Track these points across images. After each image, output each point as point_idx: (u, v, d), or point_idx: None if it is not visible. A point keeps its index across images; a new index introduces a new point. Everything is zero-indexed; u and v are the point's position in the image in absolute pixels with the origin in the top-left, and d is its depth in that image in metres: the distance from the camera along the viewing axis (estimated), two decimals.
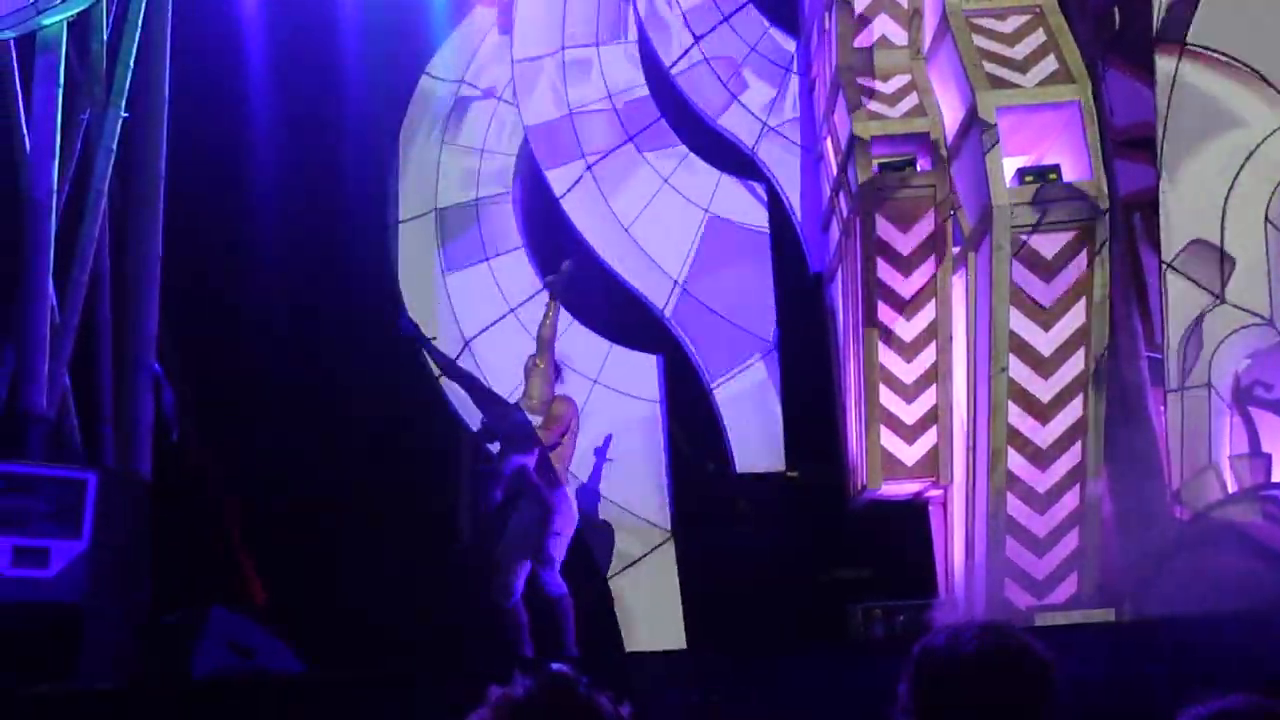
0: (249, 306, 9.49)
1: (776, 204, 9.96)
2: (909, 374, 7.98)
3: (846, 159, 8.36)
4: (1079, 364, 7.31)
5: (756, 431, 9.60)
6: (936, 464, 7.95)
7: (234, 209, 9.59)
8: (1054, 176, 7.44)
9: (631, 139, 10.13)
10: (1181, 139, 7.55)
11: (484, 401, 7.56)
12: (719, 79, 10.09)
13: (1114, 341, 7.50)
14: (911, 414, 7.98)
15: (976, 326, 7.61)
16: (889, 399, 7.98)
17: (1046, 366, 7.32)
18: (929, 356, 7.99)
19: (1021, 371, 7.31)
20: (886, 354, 7.99)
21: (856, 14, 8.55)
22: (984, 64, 7.65)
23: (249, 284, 9.50)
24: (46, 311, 7.50)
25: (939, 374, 7.97)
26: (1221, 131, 7.60)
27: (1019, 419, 7.31)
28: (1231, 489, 7.21)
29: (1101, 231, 7.27)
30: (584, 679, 1.66)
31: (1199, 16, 7.64)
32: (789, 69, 10.08)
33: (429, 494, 9.31)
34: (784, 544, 9.23)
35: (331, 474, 9.16)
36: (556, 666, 1.66)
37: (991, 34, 7.84)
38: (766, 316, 9.77)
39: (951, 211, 7.98)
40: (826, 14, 8.95)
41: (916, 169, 8.12)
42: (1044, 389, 7.31)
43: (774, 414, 9.59)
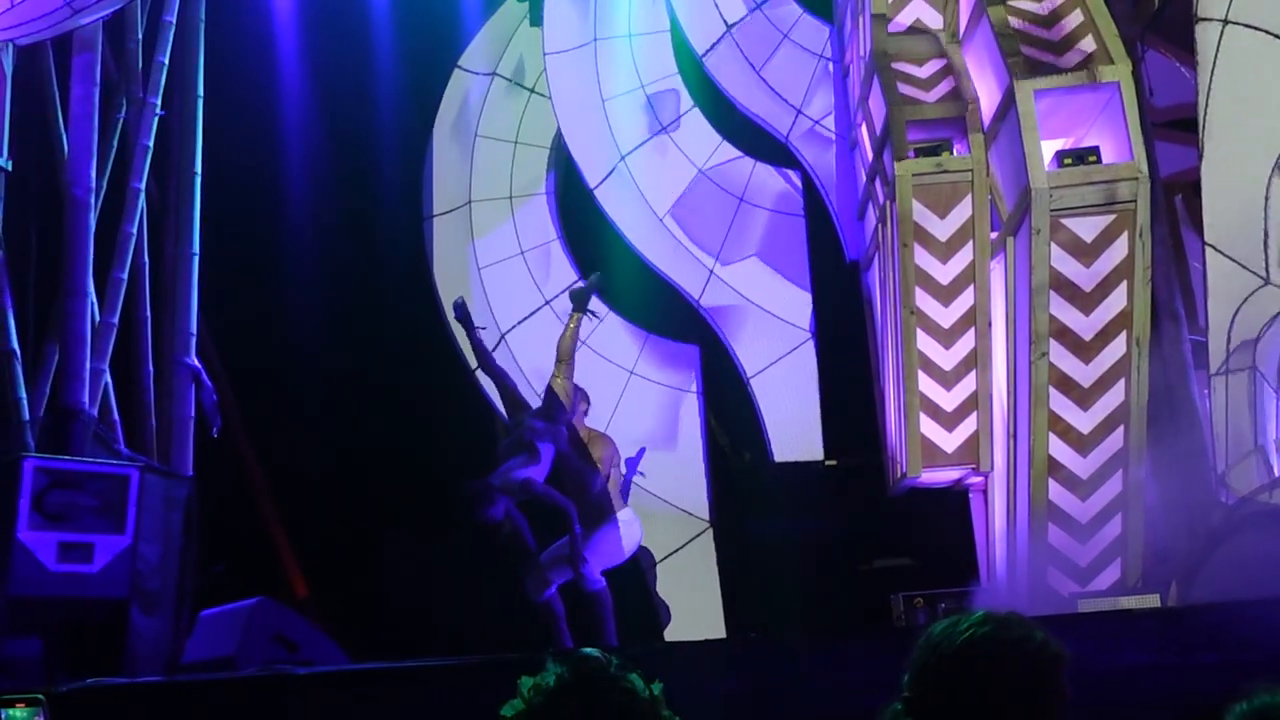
0: (286, 302, 9.57)
1: (811, 192, 9.93)
2: (948, 360, 7.92)
3: (882, 145, 8.31)
4: (1120, 348, 7.23)
5: (794, 420, 9.59)
6: (977, 451, 7.88)
7: (269, 204, 9.67)
8: (1093, 159, 7.36)
9: (665, 129, 10.13)
10: (1224, 117, 7.45)
11: (508, 404, 7.58)
12: (752, 67, 10.06)
13: (1156, 325, 7.42)
14: (951, 400, 7.92)
15: (1016, 311, 7.55)
16: (928, 386, 7.93)
17: (1087, 351, 7.25)
18: (968, 342, 7.93)
19: (1062, 356, 7.24)
20: (925, 340, 7.94)
21: None
22: (1021, 46, 7.58)
23: (285, 279, 9.58)
24: (87, 309, 7.59)
25: (978, 360, 7.91)
26: (1265, 108, 7.49)
27: (1060, 404, 7.24)
28: (1278, 472, 7.12)
29: (1142, 214, 7.19)
30: (614, 660, 1.66)
31: None
32: (822, 55, 10.04)
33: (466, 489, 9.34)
34: (823, 533, 9.21)
35: (370, 467, 9.22)
36: (586, 650, 1.67)
37: (1028, 15, 7.77)
38: (803, 305, 9.75)
39: (989, 196, 7.92)
40: None
41: (953, 154, 8.05)
42: (1085, 374, 7.24)
43: (812, 403, 9.58)
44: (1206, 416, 7.53)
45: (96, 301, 7.76)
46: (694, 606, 9.34)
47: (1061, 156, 7.40)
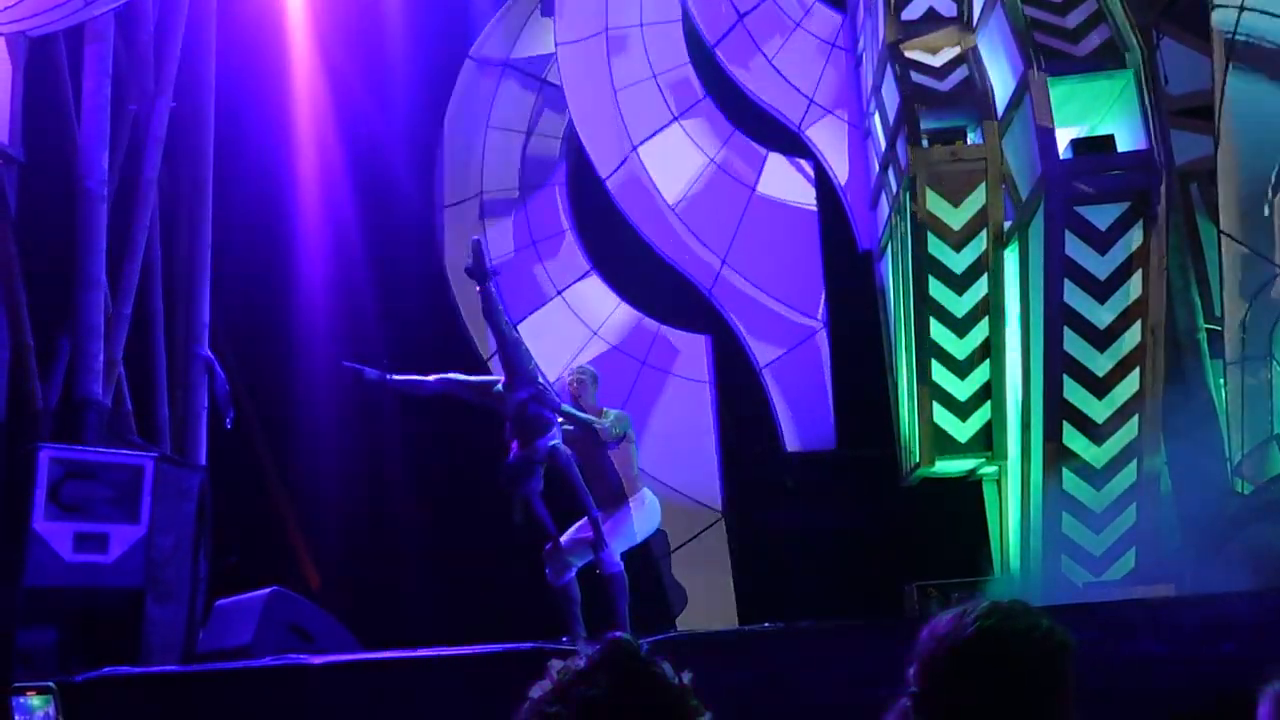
0: (298, 293, 9.59)
1: (824, 181, 9.91)
2: (961, 350, 7.91)
3: (895, 134, 8.29)
4: (1135, 337, 7.21)
5: (807, 411, 9.58)
6: (990, 440, 7.89)
7: (281, 196, 9.69)
8: (1108, 147, 7.33)
9: (677, 119, 10.11)
10: (1240, 104, 7.41)
11: (513, 371, 7.40)
12: (764, 56, 10.04)
13: (1171, 314, 7.40)
14: (964, 390, 7.92)
15: (1030, 301, 7.53)
16: (942, 375, 7.92)
17: (1102, 340, 7.23)
18: (981, 332, 7.93)
19: (1077, 345, 7.23)
20: (938, 330, 7.93)
21: None
22: (1035, 34, 7.55)
23: (298, 270, 9.60)
24: (101, 300, 7.59)
25: (992, 349, 7.90)
26: None
27: (1074, 393, 7.23)
28: None
29: (1157, 202, 7.17)
30: (645, 643, 1.66)
31: None
32: (835, 44, 10.01)
33: (480, 474, 9.36)
34: (836, 523, 9.21)
35: (383, 456, 9.25)
36: (617, 634, 1.66)
37: (1042, 3, 7.73)
38: (816, 295, 9.74)
39: (1003, 185, 7.90)
40: None
41: (967, 142, 8.04)
42: (1100, 363, 7.22)
43: (824, 393, 9.57)
44: (1221, 406, 7.51)
45: (110, 293, 7.77)
46: (707, 596, 9.34)
47: (1076, 145, 7.38)
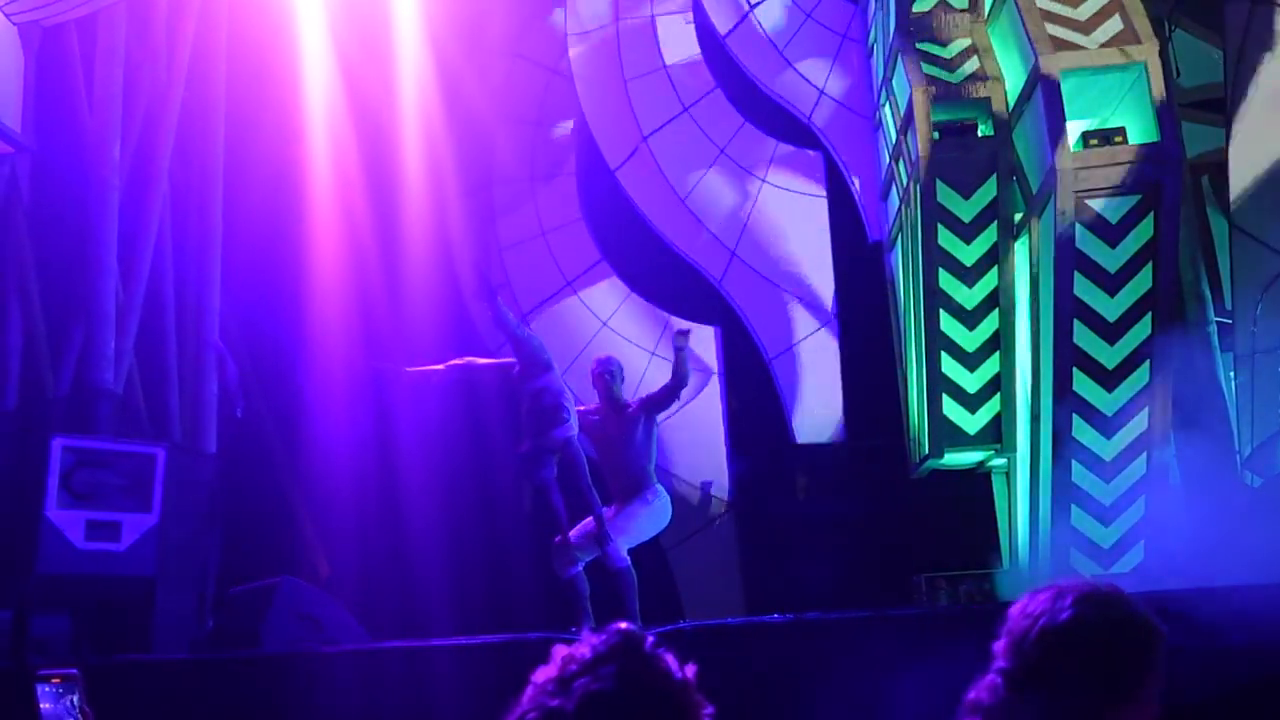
0: (309, 282, 9.60)
1: (834, 173, 9.90)
2: (971, 342, 7.92)
3: (906, 125, 8.29)
4: (1145, 330, 7.20)
5: (816, 402, 9.59)
6: (1000, 432, 7.89)
7: (292, 186, 9.69)
8: (1119, 140, 7.32)
9: (687, 109, 10.11)
10: (1253, 97, 7.38)
11: (528, 364, 7.41)
12: (774, 47, 10.03)
13: (1181, 307, 7.39)
14: (974, 382, 7.92)
15: (1040, 292, 7.53)
16: (951, 367, 7.93)
17: (1112, 332, 7.23)
18: (991, 324, 7.93)
19: (1086, 338, 7.22)
20: (948, 322, 7.93)
21: None
22: (1047, 26, 7.53)
23: (308, 259, 9.60)
24: (112, 290, 7.62)
25: (1001, 342, 7.90)
26: None
27: (1084, 386, 7.23)
28: None
29: (1168, 195, 7.15)
30: (650, 635, 1.67)
31: None
32: (846, 35, 10.00)
33: (491, 464, 9.38)
34: (845, 515, 9.21)
35: (393, 446, 9.26)
36: (623, 625, 1.67)
37: None
38: (825, 286, 9.74)
39: (1013, 177, 7.89)
40: None
41: (978, 134, 8.03)
42: (1109, 355, 7.22)
43: (834, 384, 9.57)
44: (1231, 399, 7.51)
45: (121, 283, 7.79)
46: (715, 587, 9.36)
47: (1087, 137, 7.36)
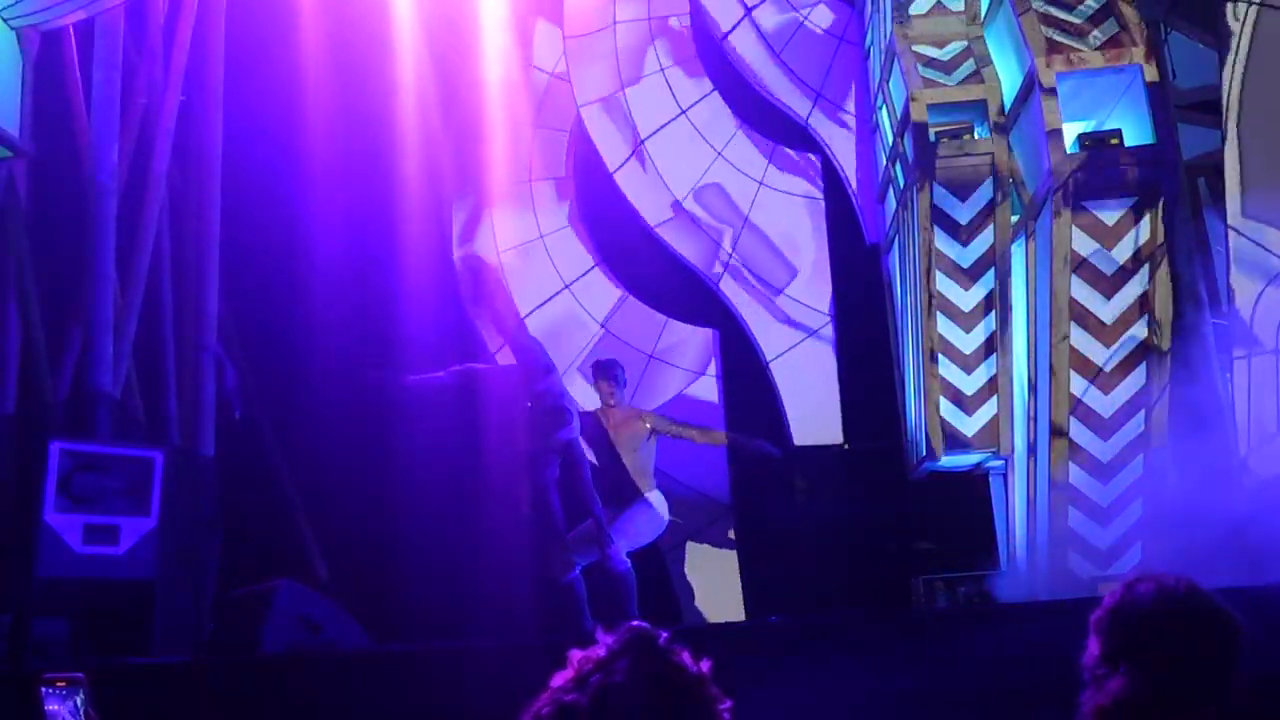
0: (307, 286, 9.59)
1: (831, 175, 9.93)
2: (968, 344, 7.94)
3: (903, 128, 8.31)
4: (1142, 331, 7.24)
5: (814, 405, 9.60)
6: (997, 434, 7.91)
7: (289, 188, 9.69)
8: (1115, 141, 7.35)
9: (684, 112, 10.12)
10: (1251, 99, 7.41)
11: (528, 371, 7.46)
12: (771, 50, 10.05)
13: (1179, 308, 7.41)
14: (971, 384, 7.94)
15: (1037, 295, 7.55)
16: (948, 370, 7.95)
17: (1109, 334, 7.26)
18: (988, 326, 7.95)
19: (1083, 340, 7.26)
20: (945, 324, 7.95)
21: None
22: (1043, 28, 7.57)
23: (306, 263, 9.60)
24: (110, 293, 7.62)
25: (999, 344, 7.92)
26: None
27: (1081, 388, 7.26)
28: None
29: (1164, 197, 7.18)
30: (664, 633, 1.68)
31: None
32: (843, 38, 10.02)
33: (488, 468, 9.39)
34: (843, 517, 9.23)
35: (392, 449, 9.26)
36: (636, 624, 1.68)
37: None
38: (823, 289, 9.76)
39: (1010, 179, 7.91)
40: None
41: (974, 136, 8.06)
42: (1106, 357, 7.25)
43: (831, 386, 9.59)
44: (1229, 400, 7.52)
45: (119, 286, 7.80)
46: (714, 590, 9.38)
47: (1083, 139, 7.39)
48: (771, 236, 9.87)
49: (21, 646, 5.78)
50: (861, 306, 9.59)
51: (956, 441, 7.96)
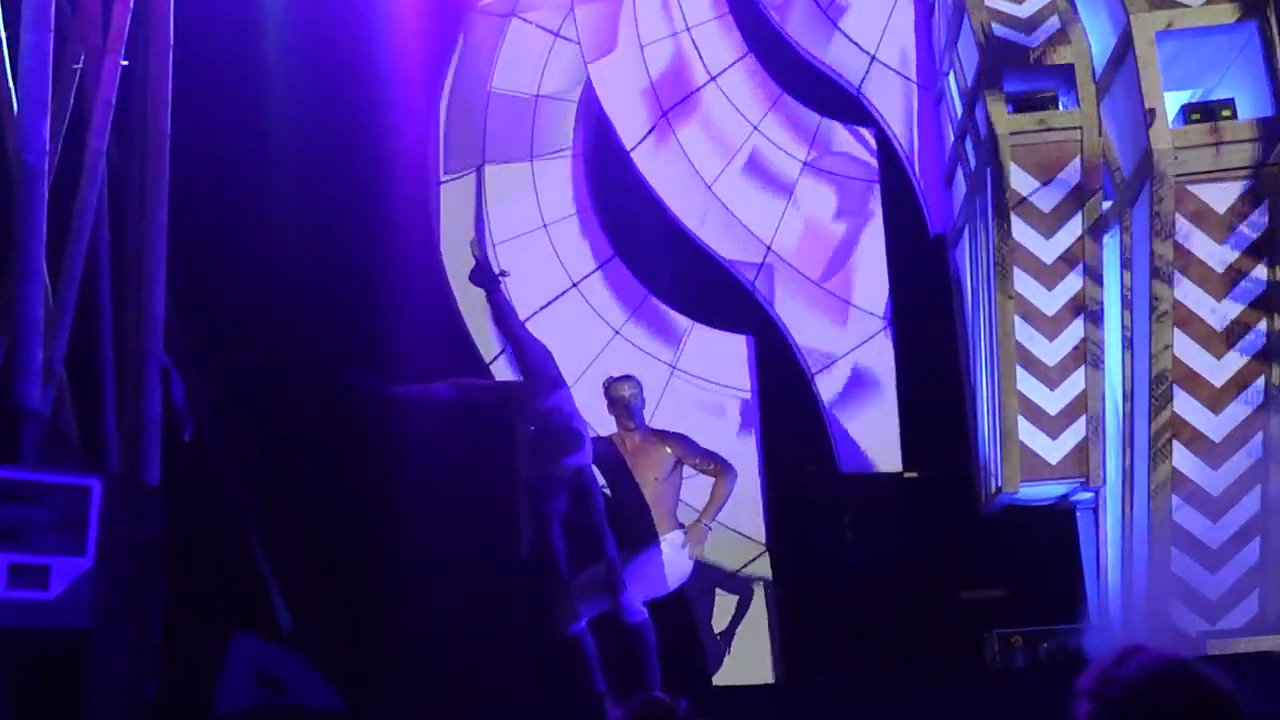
0: (270, 285, 9.63)
1: (889, 153, 9.91)
2: (1052, 354, 7.91)
3: (974, 98, 8.30)
4: (1259, 339, 7.20)
5: (867, 425, 9.59)
6: (1086, 462, 7.88)
7: (250, 171, 9.73)
8: (1227, 114, 7.33)
9: (714, 79, 10.14)
10: None
11: (539, 381, 7.45)
12: (817, 5, 10.06)
13: None
14: (1055, 402, 7.92)
15: (1133, 296, 7.53)
16: (1028, 384, 7.92)
17: (1219, 342, 7.23)
18: (1075, 333, 7.92)
19: (1189, 349, 7.22)
20: (1024, 330, 7.93)
21: None
22: None
23: (269, 258, 9.64)
24: (40, 291, 7.64)
25: (1087, 354, 7.90)
26: None
27: (1186, 407, 7.22)
28: None
29: None
30: (683, 703, 1.69)
31: None
32: None
33: (480, 501, 9.40)
34: (901, 559, 9.21)
35: (370, 476, 9.28)
36: (652, 693, 1.69)
37: None
38: (878, 288, 9.75)
39: (1102, 159, 7.89)
40: None
41: (1059, 108, 8.04)
42: (1217, 370, 7.21)
43: (888, 404, 9.57)
44: None
45: (49, 284, 7.84)
46: (747, 644, 9.36)
47: (1188, 111, 7.37)
48: (817, 226, 9.86)
49: None
50: (924, 309, 9.58)
51: (1037, 470, 7.92)
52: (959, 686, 6.95)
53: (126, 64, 8.53)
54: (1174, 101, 7.43)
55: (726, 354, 9.93)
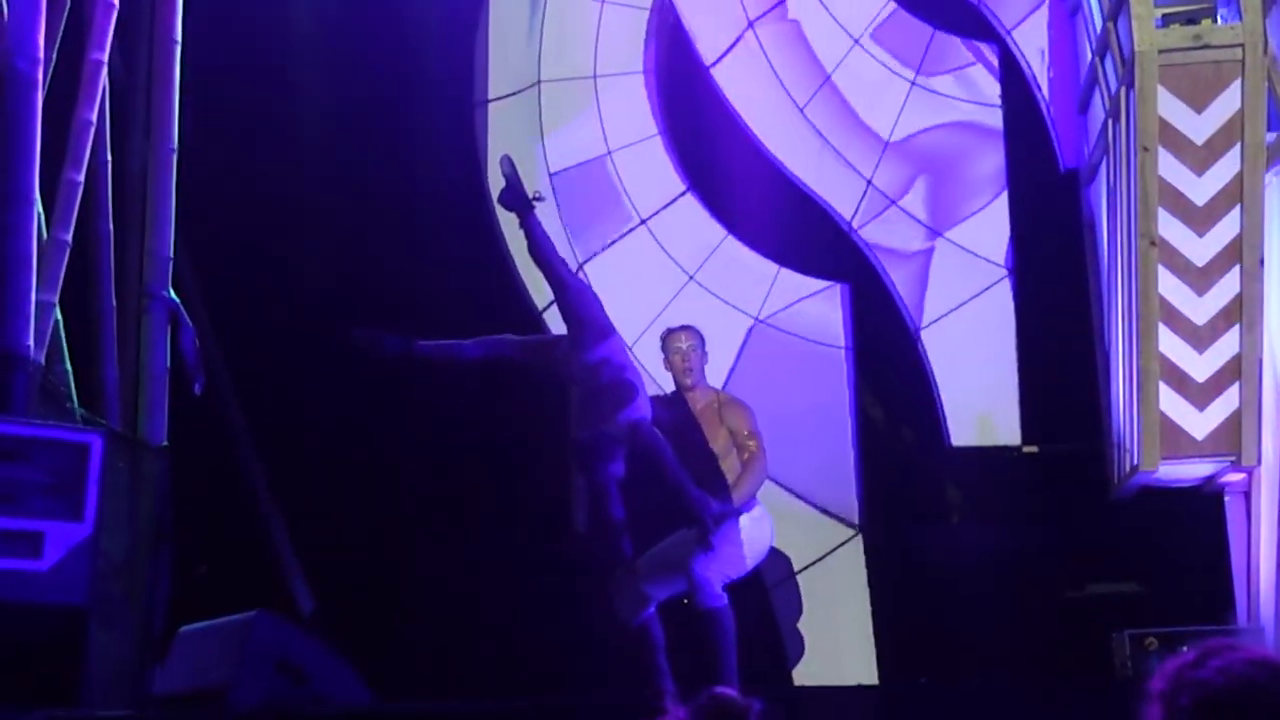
0: (291, 218, 9.70)
1: (1014, 73, 9.83)
2: (1202, 311, 7.83)
3: (1117, 9, 8.21)
4: None
5: (980, 390, 9.55)
6: (1238, 437, 7.80)
7: (272, 87, 9.78)
8: None
9: None
10: None
11: (587, 331, 7.44)
12: None
13: None
14: (1204, 367, 7.83)
15: None
16: (1172, 346, 7.85)
17: None
18: (1230, 286, 7.83)
19: None
20: (1170, 282, 7.85)
21: None
22: None
23: (291, 187, 9.70)
24: (32, 222, 7.70)
25: (1243, 312, 7.80)
26: None
27: None
28: None
29: None
30: (755, 704, 1.71)
31: None
32: None
33: (527, 469, 9.45)
34: (1016, 545, 9.19)
35: (400, 439, 9.35)
36: (720, 690, 1.71)
37: None
38: (998, 231, 9.69)
39: (1267, 83, 7.78)
40: None
41: (1217, 21, 7.93)
42: None
43: (1007, 366, 9.52)
44: None
45: (43, 212, 7.91)
46: (836, 638, 9.39)
47: None
48: (928, 157, 9.81)
49: None
50: (1051, 256, 9.51)
51: (1180, 446, 7.86)
52: (1082, 695, 6.92)
53: None
54: None
55: (818, 304, 9.90)
